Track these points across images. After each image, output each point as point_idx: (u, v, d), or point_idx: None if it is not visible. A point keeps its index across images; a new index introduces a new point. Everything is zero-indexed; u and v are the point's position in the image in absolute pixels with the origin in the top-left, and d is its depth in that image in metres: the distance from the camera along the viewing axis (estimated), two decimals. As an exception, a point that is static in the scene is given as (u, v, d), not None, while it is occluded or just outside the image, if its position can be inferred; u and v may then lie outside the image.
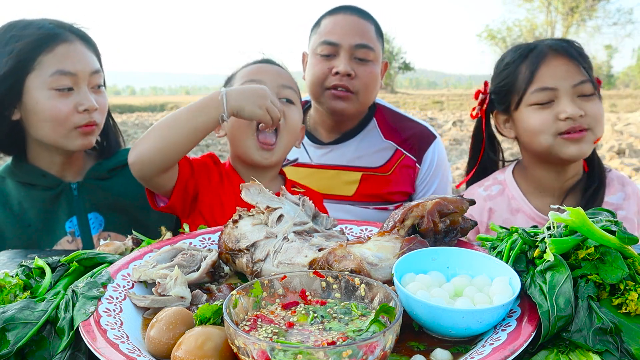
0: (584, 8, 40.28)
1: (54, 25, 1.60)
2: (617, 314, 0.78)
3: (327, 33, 1.88)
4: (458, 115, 19.11)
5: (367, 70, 1.87)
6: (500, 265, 0.86)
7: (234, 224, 1.08)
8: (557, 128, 1.58)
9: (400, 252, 0.90)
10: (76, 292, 0.86)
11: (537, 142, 1.63)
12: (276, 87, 1.53)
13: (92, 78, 1.60)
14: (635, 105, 23.00)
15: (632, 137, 11.46)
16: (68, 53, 1.56)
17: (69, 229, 1.68)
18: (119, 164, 1.80)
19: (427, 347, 0.77)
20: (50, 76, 1.52)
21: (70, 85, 1.55)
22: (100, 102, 1.62)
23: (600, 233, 0.82)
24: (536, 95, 1.59)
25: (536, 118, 1.61)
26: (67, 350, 0.77)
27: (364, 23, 1.89)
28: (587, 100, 1.58)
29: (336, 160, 2.00)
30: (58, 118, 1.54)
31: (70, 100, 1.55)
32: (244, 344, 0.66)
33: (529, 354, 0.75)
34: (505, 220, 1.71)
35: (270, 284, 0.83)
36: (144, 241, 1.20)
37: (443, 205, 1.00)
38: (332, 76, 1.86)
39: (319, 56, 1.89)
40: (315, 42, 1.92)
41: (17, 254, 1.34)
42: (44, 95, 1.53)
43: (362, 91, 1.88)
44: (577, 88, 1.57)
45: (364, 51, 1.86)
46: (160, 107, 28.47)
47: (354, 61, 1.86)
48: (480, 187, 1.81)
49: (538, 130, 1.61)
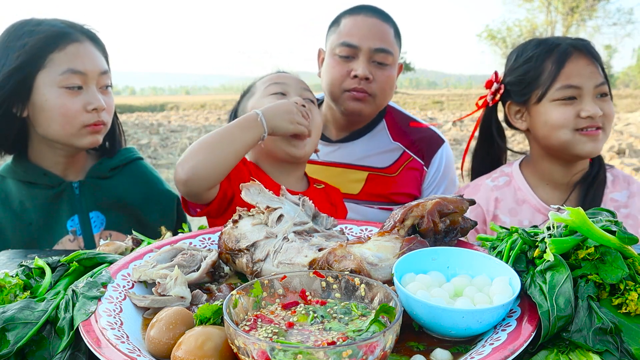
0: (584, 8, 40.28)
1: (66, 25, 1.62)
2: (617, 314, 0.78)
3: (347, 34, 1.87)
4: (458, 115, 19.12)
5: (385, 74, 1.88)
6: (500, 265, 0.86)
7: (234, 224, 1.08)
8: (576, 124, 1.65)
9: (400, 252, 0.90)
10: (76, 292, 0.86)
11: (556, 136, 1.69)
12: (300, 90, 1.60)
13: (101, 78, 1.62)
14: (635, 105, 23.00)
15: (632, 137, 11.47)
16: (79, 52, 1.57)
17: (71, 228, 1.69)
18: (120, 163, 1.81)
19: (427, 347, 0.77)
20: (61, 74, 1.54)
21: (80, 84, 1.56)
22: (108, 102, 1.64)
23: (600, 233, 0.82)
24: (561, 92, 1.66)
25: (558, 113, 1.67)
26: (67, 350, 0.77)
27: (384, 26, 1.88)
28: (604, 100, 1.66)
29: (343, 159, 2.01)
30: (67, 116, 1.56)
31: (79, 99, 1.56)
32: (244, 344, 0.66)
33: (529, 354, 0.75)
34: (511, 210, 1.77)
35: (270, 284, 0.83)
36: (144, 241, 1.20)
37: (443, 205, 1.00)
38: (350, 79, 1.86)
39: (338, 57, 1.88)
40: (334, 42, 1.91)
41: (17, 254, 1.34)
42: (53, 93, 1.54)
43: (379, 94, 1.89)
44: (598, 88, 1.64)
45: (383, 55, 1.85)
46: (160, 107, 28.47)
47: (372, 65, 1.85)
48: (488, 179, 1.87)
49: (559, 125, 1.67)
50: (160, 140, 13.22)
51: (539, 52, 1.72)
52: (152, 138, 13.60)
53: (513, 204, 1.78)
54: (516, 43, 35.46)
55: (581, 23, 42.22)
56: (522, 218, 1.76)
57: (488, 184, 1.84)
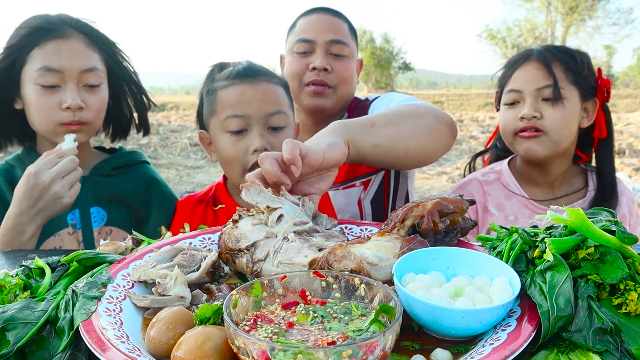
0: (584, 8, 40.29)
1: (57, 19, 1.62)
2: (617, 314, 0.78)
3: (302, 32, 1.96)
4: (458, 115, 19.10)
5: (343, 65, 1.95)
6: (500, 265, 0.86)
7: (234, 224, 1.08)
8: (515, 127, 1.77)
9: (400, 252, 0.90)
10: (76, 292, 0.86)
11: (504, 138, 1.85)
12: (263, 118, 1.56)
13: (83, 76, 1.61)
14: (635, 105, 23.00)
15: (632, 137, 11.47)
16: (59, 49, 1.57)
17: (71, 221, 1.70)
18: (126, 163, 1.83)
19: (427, 347, 0.77)
20: (36, 71, 1.56)
21: (56, 82, 1.57)
22: (91, 100, 1.63)
23: (600, 233, 0.82)
24: (507, 96, 1.80)
25: (504, 116, 1.82)
26: (67, 350, 0.77)
27: (337, 21, 1.98)
28: (549, 104, 1.72)
29: None
30: (42, 113, 1.58)
31: (54, 97, 1.57)
32: (244, 344, 0.66)
33: (529, 354, 0.75)
34: (499, 204, 1.87)
35: (270, 283, 0.83)
36: (144, 241, 1.20)
37: (443, 205, 1.00)
38: (309, 72, 1.93)
39: (296, 54, 1.96)
40: (291, 41, 2.00)
41: (17, 254, 1.34)
42: (31, 89, 1.57)
43: (339, 85, 1.95)
44: (541, 91, 1.72)
45: (338, 46, 1.94)
46: (161, 107, 28.44)
47: (329, 57, 1.93)
48: (479, 174, 1.98)
49: (503, 128, 1.83)
50: (160, 140, 13.22)
51: (510, 61, 1.86)
52: (152, 138, 13.60)
53: (502, 199, 1.87)
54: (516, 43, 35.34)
55: (581, 23, 42.23)
56: (508, 213, 1.84)
57: (479, 178, 1.94)
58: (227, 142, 1.53)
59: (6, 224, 1.47)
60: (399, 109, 1.44)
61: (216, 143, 1.58)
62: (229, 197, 1.69)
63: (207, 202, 1.70)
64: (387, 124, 1.31)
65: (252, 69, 1.61)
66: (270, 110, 1.55)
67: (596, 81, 1.79)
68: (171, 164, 10.50)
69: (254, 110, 1.52)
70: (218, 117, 1.56)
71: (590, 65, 1.78)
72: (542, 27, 42.96)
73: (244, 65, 1.63)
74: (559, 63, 1.73)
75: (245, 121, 1.53)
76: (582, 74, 1.74)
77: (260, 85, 1.56)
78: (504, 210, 1.85)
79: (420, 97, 35.47)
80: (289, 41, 2.04)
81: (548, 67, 1.72)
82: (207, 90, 1.64)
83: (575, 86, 1.74)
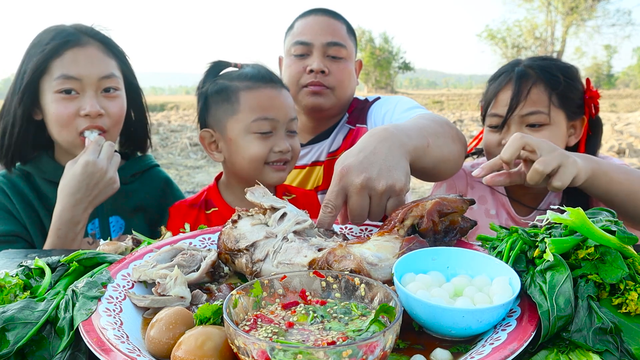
0: (584, 8, 40.31)
1: (73, 29, 1.63)
2: (617, 314, 0.78)
3: (300, 34, 1.96)
4: (458, 115, 19.11)
5: (341, 66, 1.95)
6: (500, 265, 0.86)
7: (233, 224, 1.08)
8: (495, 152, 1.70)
9: (400, 252, 0.90)
10: (76, 292, 0.86)
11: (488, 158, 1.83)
12: (287, 123, 1.62)
13: (101, 83, 1.61)
14: (635, 105, 23.01)
15: (632, 137, 11.47)
16: (76, 58, 1.58)
17: (91, 231, 1.70)
18: (140, 169, 1.83)
19: (427, 347, 0.77)
20: (55, 80, 1.56)
21: (74, 89, 1.57)
22: (110, 107, 1.63)
23: (600, 233, 0.82)
24: (489, 119, 1.77)
25: (487, 138, 1.80)
26: (67, 350, 0.77)
27: (334, 22, 1.98)
28: (534, 130, 1.67)
29: (312, 159, 2.06)
30: (61, 121, 1.58)
31: (73, 105, 1.58)
32: (244, 344, 0.66)
33: (529, 354, 0.75)
34: (481, 197, 1.89)
35: (270, 283, 0.83)
36: (144, 241, 1.20)
37: (443, 205, 1.00)
38: (306, 74, 1.93)
39: (293, 56, 1.97)
40: (289, 43, 2.01)
41: (17, 254, 1.34)
42: (50, 98, 1.58)
43: (337, 87, 1.95)
44: (523, 118, 1.67)
45: (336, 49, 1.94)
46: (160, 107, 28.45)
47: (327, 59, 1.94)
48: (468, 164, 1.98)
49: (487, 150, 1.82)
50: (160, 140, 13.22)
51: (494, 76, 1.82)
52: (152, 138, 13.59)
53: (484, 192, 1.88)
54: (516, 43, 35.29)
55: (581, 23, 42.26)
56: (489, 207, 1.87)
57: (467, 167, 1.94)
58: (253, 143, 1.58)
59: (61, 218, 1.49)
60: (445, 131, 1.47)
61: (237, 142, 1.60)
62: (221, 200, 1.69)
63: (199, 207, 1.70)
64: (441, 147, 1.39)
65: (273, 74, 1.67)
66: (292, 116, 1.63)
67: (584, 95, 1.73)
68: (171, 163, 10.50)
69: (281, 114, 1.59)
70: (242, 118, 1.58)
71: (577, 82, 1.71)
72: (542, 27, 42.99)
73: (262, 69, 1.65)
74: (543, 85, 1.66)
75: (273, 124, 1.58)
76: (568, 95, 1.68)
77: (282, 91, 1.64)
78: (485, 204, 1.86)
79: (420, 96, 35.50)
80: (286, 43, 2.04)
81: (528, 92, 1.65)
82: (217, 88, 1.63)
83: (561, 109, 1.67)
